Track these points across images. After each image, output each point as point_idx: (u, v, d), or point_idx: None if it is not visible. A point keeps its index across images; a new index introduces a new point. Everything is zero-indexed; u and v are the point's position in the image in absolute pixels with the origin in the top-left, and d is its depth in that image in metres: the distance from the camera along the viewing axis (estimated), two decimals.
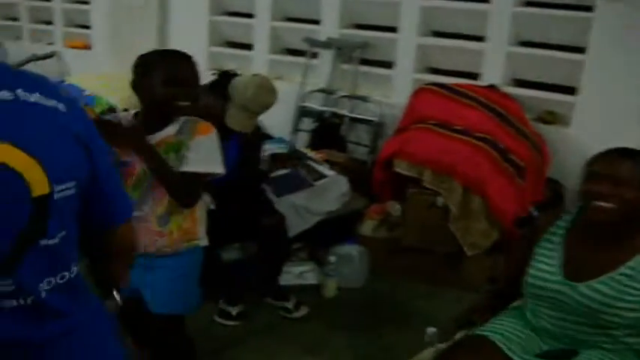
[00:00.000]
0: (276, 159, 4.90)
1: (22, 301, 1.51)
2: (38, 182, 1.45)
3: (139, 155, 2.72)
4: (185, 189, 2.77)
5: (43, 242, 1.50)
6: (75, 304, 1.64)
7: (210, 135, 2.82)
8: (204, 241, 2.96)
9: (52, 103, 1.52)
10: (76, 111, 1.60)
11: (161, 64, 2.73)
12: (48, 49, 8.44)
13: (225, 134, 3.84)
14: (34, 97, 1.49)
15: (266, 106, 4.07)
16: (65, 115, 1.55)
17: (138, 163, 2.75)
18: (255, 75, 4.18)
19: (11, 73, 1.54)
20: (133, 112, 2.88)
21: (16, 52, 8.78)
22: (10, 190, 1.43)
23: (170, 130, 2.77)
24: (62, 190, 1.50)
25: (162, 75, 2.70)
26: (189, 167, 2.73)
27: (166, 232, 2.82)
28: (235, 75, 4.20)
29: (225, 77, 4.14)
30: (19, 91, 1.47)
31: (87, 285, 1.74)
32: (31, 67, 8.04)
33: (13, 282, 1.48)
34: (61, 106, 1.54)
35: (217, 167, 2.82)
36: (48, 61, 8.20)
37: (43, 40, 8.94)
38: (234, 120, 3.96)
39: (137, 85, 2.78)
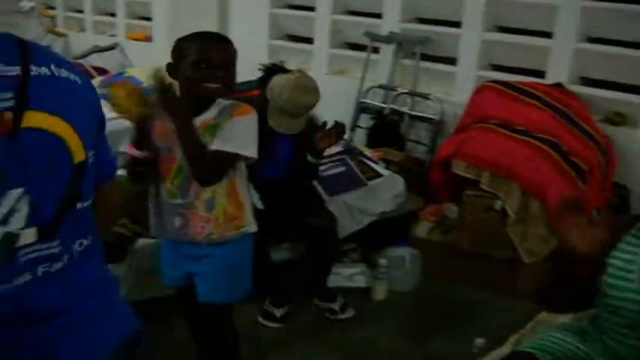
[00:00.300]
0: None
1: (62, 264, 1.59)
2: (78, 150, 1.57)
3: (172, 118, 2.66)
4: (208, 166, 2.69)
5: (79, 205, 1.62)
6: (97, 269, 1.76)
7: (247, 116, 2.75)
8: (252, 227, 2.91)
9: (74, 77, 1.63)
10: (89, 84, 1.72)
11: (191, 47, 2.69)
12: (110, 41, 8.53)
13: (272, 133, 3.76)
14: (64, 73, 1.60)
15: (306, 108, 3.91)
16: (84, 88, 1.67)
17: (179, 149, 2.71)
18: (293, 73, 3.99)
19: (43, 50, 1.64)
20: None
21: (80, 43, 8.93)
22: (60, 157, 1.55)
23: (210, 114, 2.74)
24: (91, 157, 1.63)
25: (192, 57, 2.66)
26: (217, 145, 2.67)
27: (212, 217, 2.78)
28: (283, 70, 4.07)
29: (272, 72, 4.02)
30: (53, 67, 1.58)
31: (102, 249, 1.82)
32: (94, 58, 8.15)
33: (59, 243, 1.57)
34: (80, 80, 1.65)
35: (249, 150, 2.73)
36: (110, 52, 8.29)
37: (106, 31, 9.03)
38: (277, 122, 3.85)
39: (172, 69, 2.75)
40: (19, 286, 1.51)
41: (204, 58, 2.65)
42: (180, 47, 2.73)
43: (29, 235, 1.51)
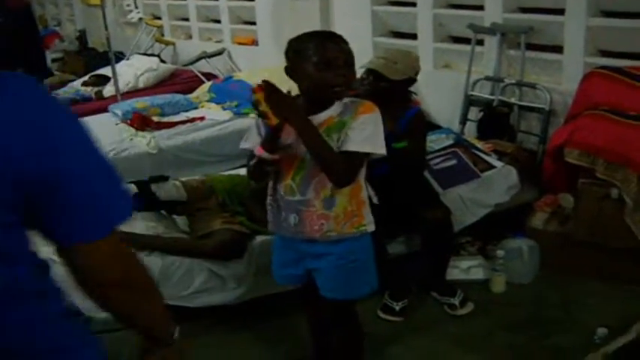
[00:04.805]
0: None
1: None
2: None
3: (292, 126, 2.67)
4: (342, 168, 2.71)
5: None
6: None
7: (372, 114, 2.76)
8: (371, 226, 2.92)
9: None
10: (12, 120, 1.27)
11: (310, 47, 2.70)
12: (217, 47, 8.69)
13: None
14: None
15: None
16: None
17: (301, 146, 2.73)
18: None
19: None
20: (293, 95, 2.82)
21: (187, 50, 9.12)
22: None
23: (332, 112, 2.76)
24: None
25: (313, 58, 2.67)
26: (350, 146, 2.69)
27: (332, 215, 2.80)
28: None
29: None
30: None
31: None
32: (202, 64, 8.33)
33: None
34: None
35: (379, 147, 2.75)
36: (217, 57, 8.45)
37: (212, 37, 9.22)
38: None
39: (291, 71, 2.77)
40: None
41: (326, 58, 2.67)
42: (298, 48, 2.74)
43: None
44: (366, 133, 2.70)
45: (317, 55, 2.67)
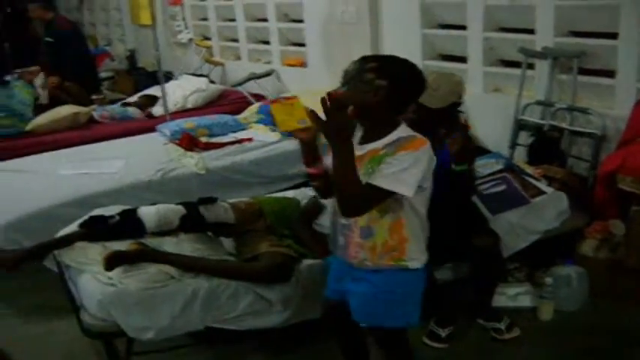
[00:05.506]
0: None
1: None
2: None
3: (328, 139, 2.55)
4: (353, 199, 2.61)
5: None
6: None
7: (413, 152, 2.64)
8: (414, 263, 2.85)
9: None
10: None
11: None
12: (266, 68, 8.71)
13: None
14: None
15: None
16: None
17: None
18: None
19: None
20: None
21: (236, 71, 9.16)
22: None
23: (380, 144, 2.72)
24: None
25: None
26: (372, 179, 2.61)
27: (368, 244, 2.78)
28: None
29: None
30: None
31: None
32: (251, 85, 8.36)
33: None
34: None
35: (402, 187, 2.60)
36: (266, 78, 8.48)
37: (261, 59, 9.26)
38: None
39: None
40: None
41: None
42: None
43: None
44: (392, 169, 2.60)
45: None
